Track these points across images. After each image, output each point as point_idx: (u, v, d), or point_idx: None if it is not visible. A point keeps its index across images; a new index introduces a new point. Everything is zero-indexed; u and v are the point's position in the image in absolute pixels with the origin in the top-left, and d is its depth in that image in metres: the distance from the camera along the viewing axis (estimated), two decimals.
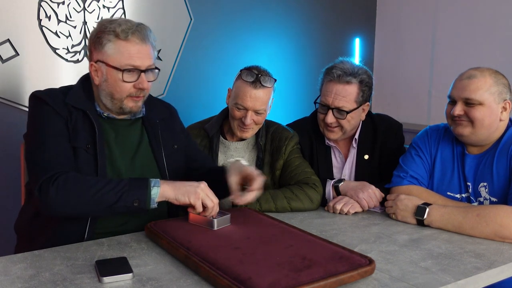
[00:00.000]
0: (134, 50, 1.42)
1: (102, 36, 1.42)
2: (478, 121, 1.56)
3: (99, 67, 1.44)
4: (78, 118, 1.44)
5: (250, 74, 1.77)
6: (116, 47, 1.41)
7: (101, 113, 1.50)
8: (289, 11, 3.18)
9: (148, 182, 1.32)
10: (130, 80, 1.44)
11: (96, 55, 1.44)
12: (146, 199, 1.31)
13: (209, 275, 1.08)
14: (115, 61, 1.42)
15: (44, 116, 1.42)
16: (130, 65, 1.42)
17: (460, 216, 1.47)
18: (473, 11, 3.05)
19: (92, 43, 1.45)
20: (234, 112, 1.81)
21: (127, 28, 1.42)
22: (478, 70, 1.60)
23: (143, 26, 1.46)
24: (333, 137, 1.90)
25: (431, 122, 3.20)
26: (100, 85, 1.47)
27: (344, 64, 1.87)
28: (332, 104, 1.83)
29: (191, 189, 1.34)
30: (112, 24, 1.42)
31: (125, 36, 1.41)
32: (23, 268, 1.16)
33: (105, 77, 1.44)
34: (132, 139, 1.56)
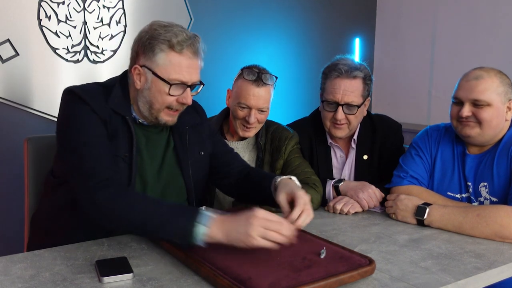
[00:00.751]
0: (185, 64, 1.37)
1: (155, 43, 1.34)
2: (486, 122, 1.56)
3: (144, 73, 1.37)
4: (118, 124, 1.38)
5: (251, 72, 1.77)
6: (168, 58, 1.35)
7: (136, 118, 1.45)
8: (289, 11, 3.18)
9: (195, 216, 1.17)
10: (175, 94, 1.38)
11: (144, 60, 1.37)
12: (188, 236, 1.16)
13: (209, 275, 1.08)
14: (164, 73, 1.35)
15: (84, 116, 1.34)
16: (178, 80, 1.36)
17: (460, 216, 1.47)
18: (473, 11, 3.06)
19: (141, 47, 1.37)
20: (237, 112, 1.80)
21: (182, 40, 1.35)
22: (484, 70, 1.59)
23: (197, 38, 1.40)
24: (340, 134, 1.89)
25: (431, 122, 3.21)
26: (141, 91, 1.40)
27: (346, 60, 1.87)
28: (342, 100, 1.82)
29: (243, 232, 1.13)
30: (168, 33, 1.35)
31: (179, 49, 1.35)
32: (23, 268, 1.16)
33: (149, 85, 1.37)
34: (160, 146, 1.50)
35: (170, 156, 1.51)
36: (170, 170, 1.50)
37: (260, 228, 1.12)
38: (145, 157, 1.44)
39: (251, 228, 1.12)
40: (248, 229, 1.12)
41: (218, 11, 2.87)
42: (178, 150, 1.51)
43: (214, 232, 1.16)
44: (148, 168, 1.45)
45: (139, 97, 1.41)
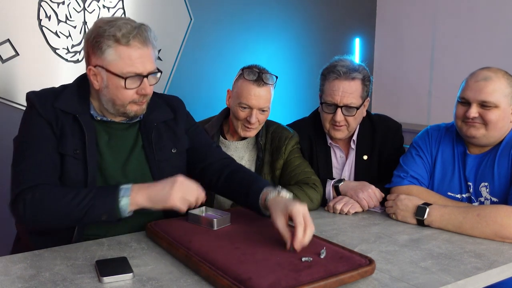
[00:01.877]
0: (135, 55, 1.35)
1: (101, 40, 1.34)
2: (493, 123, 1.55)
3: (99, 72, 1.37)
4: (67, 122, 1.38)
5: (252, 72, 1.77)
6: (116, 53, 1.34)
7: (94, 116, 1.44)
8: (289, 11, 3.18)
9: (116, 193, 1.26)
10: (132, 87, 1.37)
11: (95, 60, 1.37)
12: (116, 211, 1.25)
13: (209, 275, 1.08)
14: (116, 68, 1.35)
15: (31, 120, 1.38)
16: (132, 72, 1.35)
17: (460, 216, 1.47)
18: (473, 11, 3.05)
19: (90, 47, 1.37)
20: (238, 112, 1.80)
21: (127, 32, 1.33)
22: (492, 71, 1.57)
23: (143, 27, 1.38)
24: (339, 136, 1.89)
25: (431, 122, 3.20)
26: (100, 91, 1.40)
27: (344, 61, 1.87)
28: (341, 102, 1.82)
29: (165, 194, 1.26)
30: (111, 28, 1.34)
31: (126, 41, 1.33)
32: (23, 268, 1.16)
33: (106, 83, 1.37)
34: (126, 143, 1.49)
35: (138, 154, 1.49)
36: (138, 166, 1.48)
37: (180, 192, 1.26)
38: (106, 154, 1.44)
39: (173, 190, 1.25)
40: (171, 191, 1.25)
41: (218, 11, 2.86)
42: (146, 149, 1.50)
43: (136, 198, 1.27)
44: (110, 164, 1.44)
45: (101, 97, 1.42)
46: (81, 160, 1.38)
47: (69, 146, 1.37)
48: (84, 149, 1.38)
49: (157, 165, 1.50)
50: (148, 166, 1.50)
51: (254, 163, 1.89)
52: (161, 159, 1.51)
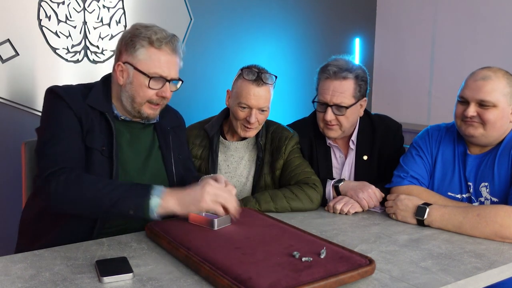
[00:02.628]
0: (164, 59, 1.46)
1: (136, 40, 1.45)
2: (491, 123, 1.55)
3: (126, 69, 1.47)
4: (95, 119, 1.46)
5: (251, 72, 1.77)
6: (148, 53, 1.45)
7: (118, 115, 1.53)
8: (289, 11, 3.18)
9: (149, 190, 1.28)
10: (155, 88, 1.47)
11: (126, 57, 1.47)
12: (144, 208, 1.26)
13: (209, 275, 1.08)
14: (144, 67, 1.45)
15: (59, 111, 1.42)
16: (157, 73, 1.46)
17: (460, 216, 1.47)
18: (473, 11, 3.05)
19: (124, 44, 1.47)
20: (237, 112, 1.80)
21: (162, 37, 1.45)
22: (492, 70, 1.58)
23: (176, 38, 1.50)
24: (332, 135, 1.90)
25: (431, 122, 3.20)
26: (124, 86, 1.49)
27: (338, 61, 1.88)
28: (331, 101, 1.83)
29: (197, 196, 1.29)
30: (148, 31, 1.45)
31: (158, 45, 1.45)
32: (23, 268, 1.16)
33: (131, 79, 1.47)
34: (144, 142, 1.58)
35: (156, 153, 1.59)
36: (155, 166, 1.58)
37: (212, 194, 1.28)
38: (127, 152, 1.52)
39: (205, 192, 1.28)
40: (203, 193, 1.27)
41: (218, 11, 2.86)
42: (162, 149, 1.60)
43: (167, 201, 1.28)
44: (131, 161, 1.52)
45: (122, 92, 1.49)
46: (106, 156, 1.44)
47: (97, 141, 1.43)
48: (110, 145, 1.45)
49: (172, 166, 1.60)
50: (164, 166, 1.60)
51: (254, 163, 1.89)
52: (174, 160, 1.62)
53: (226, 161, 1.90)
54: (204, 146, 1.89)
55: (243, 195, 1.87)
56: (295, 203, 1.70)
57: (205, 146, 1.89)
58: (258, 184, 1.86)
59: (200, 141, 1.90)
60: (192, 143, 1.91)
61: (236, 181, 1.89)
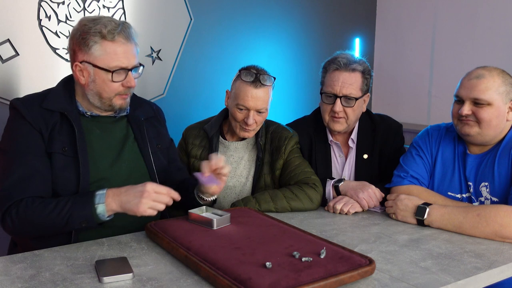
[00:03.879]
0: (120, 50, 1.44)
1: (87, 37, 1.42)
2: (486, 121, 1.55)
3: (85, 68, 1.45)
4: (56, 122, 1.45)
5: (249, 74, 1.77)
6: (103, 48, 1.42)
7: (83, 112, 1.51)
8: (289, 11, 3.18)
9: (92, 200, 1.32)
10: (118, 80, 1.46)
11: (82, 56, 1.44)
12: (94, 218, 1.32)
13: (209, 275, 1.08)
14: (103, 63, 1.43)
15: (15, 129, 1.43)
16: (118, 66, 1.44)
17: (460, 216, 1.47)
18: (473, 11, 3.05)
19: (76, 44, 1.44)
20: (235, 113, 1.80)
21: (112, 28, 1.42)
22: (486, 69, 1.58)
23: (127, 24, 1.47)
24: (338, 128, 1.89)
25: (431, 122, 3.21)
26: (87, 85, 1.47)
27: (345, 54, 1.90)
28: (340, 92, 1.83)
29: (135, 202, 1.30)
30: (96, 25, 1.42)
31: (111, 37, 1.42)
32: (23, 268, 1.16)
33: (93, 77, 1.45)
34: (117, 135, 1.57)
35: (131, 146, 1.58)
36: (131, 157, 1.57)
37: (150, 201, 1.29)
38: (98, 147, 1.51)
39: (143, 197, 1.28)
40: (140, 199, 1.28)
41: (218, 11, 2.86)
42: (138, 140, 1.60)
43: (110, 205, 1.32)
44: (103, 157, 1.51)
45: (87, 91, 1.48)
46: (70, 156, 1.43)
47: (57, 144, 1.43)
48: (73, 145, 1.44)
49: (149, 156, 1.59)
50: (142, 157, 1.59)
51: (254, 163, 1.89)
52: (153, 151, 1.61)
53: (225, 161, 1.90)
54: (203, 146, 1.89)
55: (243, 195, 1.87)
56: (295, 203, 1.70)
57: (205, 146, 1.89)
58: (258, 184, 1.86)
59: (199, 141, 1.90)
60: (192, 143, 1.91)
61: (236, 181, 1.89)
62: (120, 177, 1.51)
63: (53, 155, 1.41)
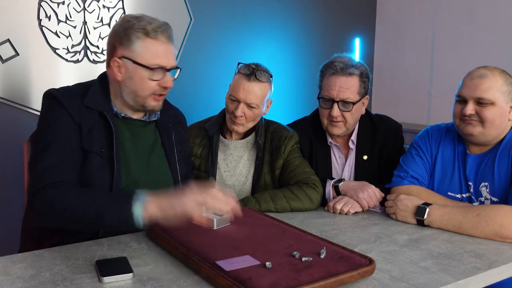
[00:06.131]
0: (162, 49, 1.43)
1: (130, 32, 1.40)
2: (489, 121, 1.55)
3: (123, 64, 1.42)
4: (95, 121, 1.42)
5: (247, 67, 1.79)
6: (145, 45, 1.41)
7: (117, 113, 1.49)
8: (289, 11, 3.18)
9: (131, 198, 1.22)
10: (156, 79, 1.43)
11: (122, 51, 1.42)
12: (128, 218, 1.21)
13: (209, 275, 1.08)
14: (143, 59, 1.41)
15: (56, 118, 1.38)
16: (158, 64, 1.42)
17: (460, 216, 1.47)
18: (473, 11, 3.05)
19: (118, 39, 1.43)
20: (228, 104, 1.83)
21: (156, 27, 1.41)
22: (488, 69, 1.58)
23: (168, 25, 1.46)
24: (336, 132, 1.89)
25: (431, 122, 3.20)
26: (123, 82, 1.44)
27: (343, 58, 1.89)
28: (337, 96, 1.83)
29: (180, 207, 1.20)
30: (140, 22, 1.41)
31: (155, 35, 1.41)
32: (23, 268, 1.16)
33: (130, 74, 1.42)
34: (147, 139, 1.56)
35: (158, 150, 1.56)
36: (159, 163, 1.55)
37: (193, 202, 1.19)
38: (129, 150, 1.48)
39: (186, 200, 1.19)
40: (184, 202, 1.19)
41: (218, 11, 2.86)
42: (165, 145, 1.58)
43: (150, 210, 1.21)
44: (133, 160, 1.48)
45: (122, 88, 1.45)
46: (106, 158, 1.41)
47: (95, 144, 1.40)
48: (110, 146, 1.41)
49: (175, 163, 1.58)
50: (168, 163, 1.57)
51: (253, 163, 1.89)
52: (178, 157, 1.60)
53: (225, 160, 1.90)
54: (204, 145, 1.90)
55: (242, 194, 1.87)
56: (295, 203, 1.70)
57: (205, 145, 1.89)
58: (258, 183, 1.86)
59: (200, 140, 1.91)
60: (192, 142, 1.91)
61: (236, 180, 1.89)
62: (148, 182, 1.48)
63: (89, 154, 1.38)
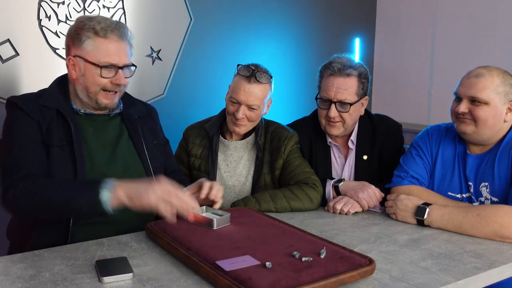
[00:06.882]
0: (112, 47, 1.46)
1: (81, 32, 1.45)
2: (482, 120, 1.56)
3: (77, 62, 1.47)
4: (53, 118, 1.46)
5: (246, 69, 1.79)
6: (95, 44, 1.45)
7: (77, 110, 1.53)
8: (289, 11, 3.18)
9: (98, 185, 1.26)
10: (107, 76, 1.47)
11: (75, 51, 1.47)
12: (96, 204, 1.25)
13: (209, 275, 1.08)
14: (93, 57, 1.45)
15: (15, 120, 1.44)
16: (108, 62, 1.46)
17: (460, 216, 1.47)
18: (473, 11, 3.05)
19: (71, 39, 1.48)
20: (228, 106, 1.82)
21: (106, 26, 1.45)
22: (487, 69, 1.59)
23: (121, 24, 1.50)
24: (334, 132, 1.90)
25: (431, 122, 3.20)
26: (77, 80, 1.49)
27: (341, 58, 1.89)
28: (335, 97, 1.83)
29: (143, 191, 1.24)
30: (91, 22, 1.45)
31: (104, 34, 1.45)
32: (23, 268, 1.16)
33: (83, 72, 1.47)
34: (111, 133, 1.58)
35: (125, 143, 1.59)
36: (126, 154, 1.58)
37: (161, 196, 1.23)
38: (93, 145, 1.52)
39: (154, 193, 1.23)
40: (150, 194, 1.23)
41: (218, 11, 2.86)
42: (133, 138, 1.61)
43: (118, 195, 1.25)
44: (98, 154, 1.52)
45: (77, 85, 1.50)
46: (68, 152, 1.44)
47: (55, 138, 1.44)
48: (70, 141, 1.45)
49: (145, 153, 1.60)
50: (137, 154, 1.60)
51: (253, 163, 1.89)
52: (148, 147, 1.62)
53: (225, 160, 1.90)
54: (204, 145, 1.90)
55: (242, 194, 1.87)
56: (295, 203, 1.70)
57: (205, 146, 1.89)
58: (258, 183, 1.86)
59: (200, 141, 1.90)
60: (192, 142, 1.91)
61: (236, 180, 1.89)
62: (116, 174, 1.49)
63: (51, 148, 1.43)
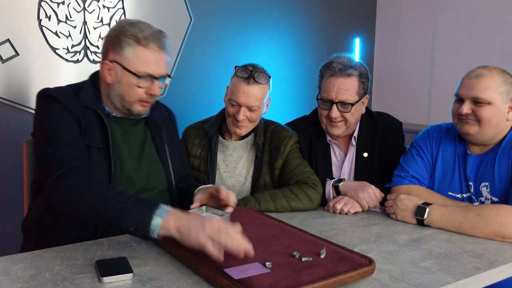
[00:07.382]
0: (152, 57, 1.44)
1: (122, 38, 1.42)
2: (485, 120, 1.56)
3: (114, 67, 1.44)
4: (91, 118, 1.45)
5: (244, 70, 1.78)
6: (135, 52, 1.42)
7: (109, 113, 1.51)
8: (289, 11, 3.18)
9: (153, 209, 1.20)
10: (143, 86, 1.45)
11: (113, 56, 1.44)
12: (145, 226, 1.19)
13: (209, 275, 1.08)
14: (132, 66, 1.43)
15: (56, 112, 1.40)
16: (146, 72, 1.43)
17: (460, 216, 1.47)
18: (473, 11, 3.05)
19: (110, 43, 1.45)
20: (228, 108, 1.82)
21: (148, 35, 1.43)
22: (486, 69, 1.59)
23: (162, 33, 1.47)
24: (337, 132, 1.90)
25: (431, 122, 3.20)
26: (112, 85, 1.47)
27: (341, 58, 1.89)
28: (336, 98, 1.83)
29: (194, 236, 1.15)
30: (134, 28, 1.43)
31: (145, 43, 1.42)
32: (23, 268, 1.16)
33: (119, 78, 1.45)
34: (137, 137, 1.58)
35: (149, 147, 1.59)
36: (151, 159, 1.58)
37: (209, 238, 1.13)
38: (122, 147, 1.51)
39: (204, 234, 1.14)
40: (199, 234, 1.14)
41: (218, 11, 2.86)
42: (156, 142, 1.61)
43: (168, 225, 1.18)
44: (127, 157, 1.51)
45: (111, 91, 1.48)
46: (104, 155, 1.44)
47: (94, 139, 1.43)
48: (106, 143, 1.44)
49: (167, 159, 1.61)
50: (160, 159, 1.60)
51: (253, 163, 1.89)
52: (170, 153, 1.63)
53: (224, 160, 1.90)
54: (203, 145, 1.90)
55: (242, 194, 1.87)
56: (295, 203, 1.70)
57: (204, 146, 1.89)
58: (257, 184, 1.86)
59: (199, 141, 1.90)
60: (191, 142, 1.91)
61: (235, 180, 1.89)
62: (140, 179, 1.52)
63: (90, 149, 1.41)
